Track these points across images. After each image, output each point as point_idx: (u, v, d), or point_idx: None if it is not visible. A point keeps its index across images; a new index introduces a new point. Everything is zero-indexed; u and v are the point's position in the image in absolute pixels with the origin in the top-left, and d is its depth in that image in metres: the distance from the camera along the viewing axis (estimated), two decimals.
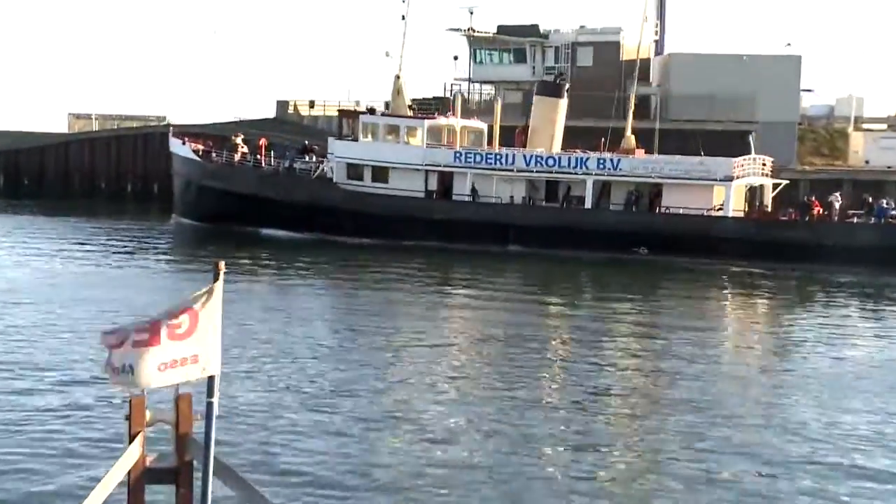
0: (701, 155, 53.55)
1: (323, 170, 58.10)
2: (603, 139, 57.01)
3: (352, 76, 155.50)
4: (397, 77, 59.25)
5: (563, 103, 58.09)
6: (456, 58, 73.07)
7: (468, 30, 72.80)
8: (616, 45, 70.85)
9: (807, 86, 71.11)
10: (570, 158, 55.01)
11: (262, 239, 55.23)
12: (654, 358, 26.57)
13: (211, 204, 59.64)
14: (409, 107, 59.62)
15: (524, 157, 55.41)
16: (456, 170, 56.01)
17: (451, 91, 73.36)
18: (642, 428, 19.86)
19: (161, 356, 9.01)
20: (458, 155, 56.17)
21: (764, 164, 55.07)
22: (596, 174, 54.26)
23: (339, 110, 60.35)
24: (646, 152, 56.71)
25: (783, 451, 18.70)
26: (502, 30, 73.88)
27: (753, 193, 55.25)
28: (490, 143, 58.63)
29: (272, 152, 60.98)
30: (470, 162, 55.72)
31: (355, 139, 57.58)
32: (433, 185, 56.44)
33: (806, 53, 69.09)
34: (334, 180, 57.43)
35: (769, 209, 54.47)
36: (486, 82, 75.77)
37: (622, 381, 23.81)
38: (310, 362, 24.77)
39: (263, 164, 59.68)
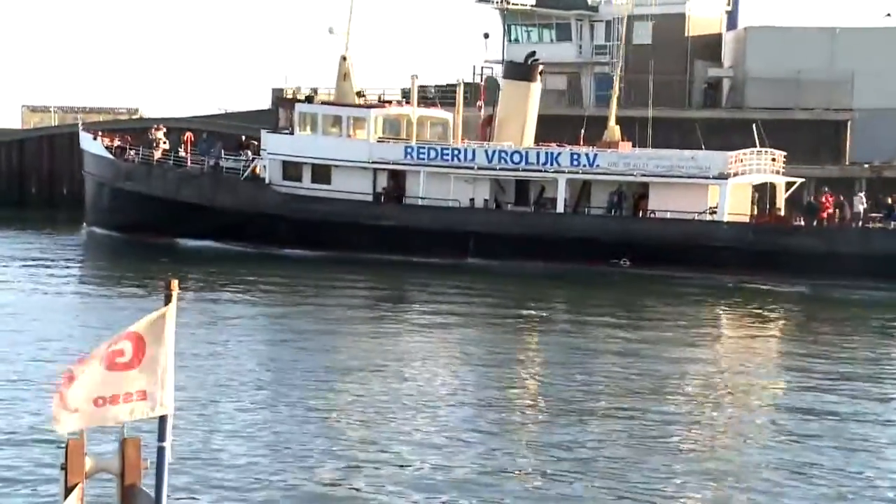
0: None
1: (255, 169, 57.41)
2: (582, 130, 56.52)
3: (298, 58, 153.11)
4: (343, 58, 58.56)
5: (536, 88, 57.84)
6: (486, 35, 69.28)
7: (501, 1, 70.71)
8: (681, 19, 68.03)
9: None
10: (538, 154, 54.48)
11: (182, 252, 54.72)
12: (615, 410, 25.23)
13: (126, 210, 58.99)
14: (358, 94, 58.80)
15: (486, 152, 55.05)
16: (409, 168, 55.42)
17: (483, 75, 70.99)
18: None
19: (98, 388, 8.82)
20: (409, 151, 55.61)
21: (774, 159, 54.43)
22: (569, 172, 53.70)
23: (277, 98, 59.47)
24: (633, 145, 55.87)
25: None
26: (542, 1, 71.25)
27: (763, 194, 54.85)
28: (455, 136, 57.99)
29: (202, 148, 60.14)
30: (423, 158, 55.24)
31: (292, 132, 56.97)
32: (383, 186, 55.98)
33: None
34: (268, 181, 56.83)
35: (781, 212, 53.94)
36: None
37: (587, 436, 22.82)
38: (254, 397, 24.77)
39: (189, 163, 58.90)
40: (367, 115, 56.82)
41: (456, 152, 55.22)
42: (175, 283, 9.06)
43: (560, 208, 53.73)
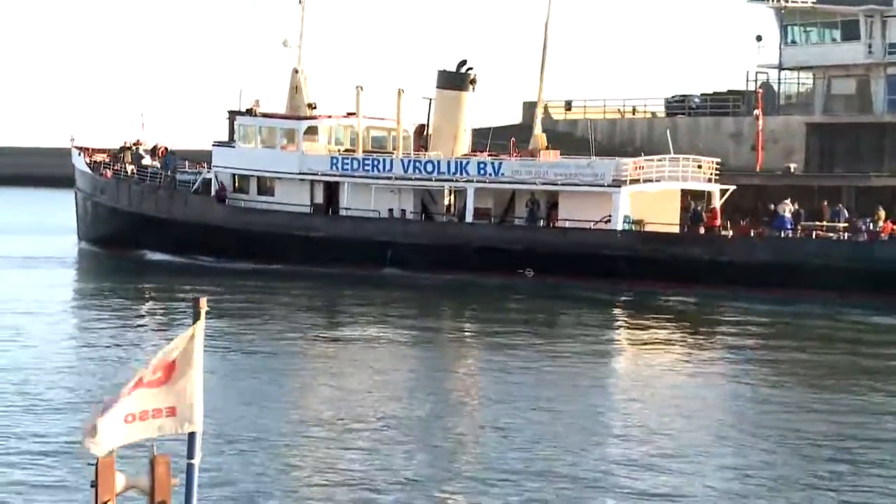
0: None
1: (203, 181, 56.97)
2: (512, 138, 55.30)
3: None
4: (295, 71, 57.58)
5: (469, 97, 55.21)
6: (759, 38, 63.15)
7: None
8: None
9: None
10: (449, 163, 52.83)
11: (137, 265, 54.22)
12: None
13: (100, 224, 58.86)
14: (310, 106, 57.13)
15: (402, 162, 53.97)
16: (339, 179, 54.83)
17: (757, 81, 64.35)
18: None
19: (128, 406, 8.39)
20: (335, 162, 55.10)
21: (700, 166, 52.06)
22: (477, 181, 51.88)
23: (229, 111, 57.97)
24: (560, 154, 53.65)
25: None
26: None
27: (699, 202, 51.77)
28: (414, 144, 55.86)
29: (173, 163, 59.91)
30: (347, 169, 54.58)
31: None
32: (320, 197, 55.43)
33: None
34: (215, 194, 56.91)
35: (717, 221, 50.71)
36: (802, 68, 64.90)
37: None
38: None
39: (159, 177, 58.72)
40: (297, 127, 55.95)
41: (376, 163, 54.10)
42: (203, 300, 8.57)
43: (468, 217, 51.93)
